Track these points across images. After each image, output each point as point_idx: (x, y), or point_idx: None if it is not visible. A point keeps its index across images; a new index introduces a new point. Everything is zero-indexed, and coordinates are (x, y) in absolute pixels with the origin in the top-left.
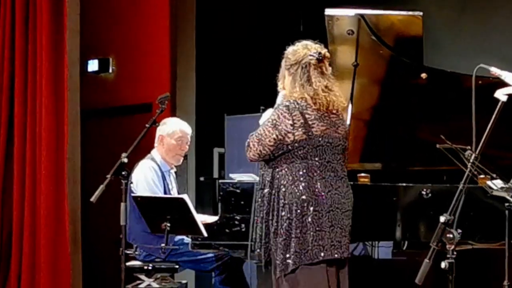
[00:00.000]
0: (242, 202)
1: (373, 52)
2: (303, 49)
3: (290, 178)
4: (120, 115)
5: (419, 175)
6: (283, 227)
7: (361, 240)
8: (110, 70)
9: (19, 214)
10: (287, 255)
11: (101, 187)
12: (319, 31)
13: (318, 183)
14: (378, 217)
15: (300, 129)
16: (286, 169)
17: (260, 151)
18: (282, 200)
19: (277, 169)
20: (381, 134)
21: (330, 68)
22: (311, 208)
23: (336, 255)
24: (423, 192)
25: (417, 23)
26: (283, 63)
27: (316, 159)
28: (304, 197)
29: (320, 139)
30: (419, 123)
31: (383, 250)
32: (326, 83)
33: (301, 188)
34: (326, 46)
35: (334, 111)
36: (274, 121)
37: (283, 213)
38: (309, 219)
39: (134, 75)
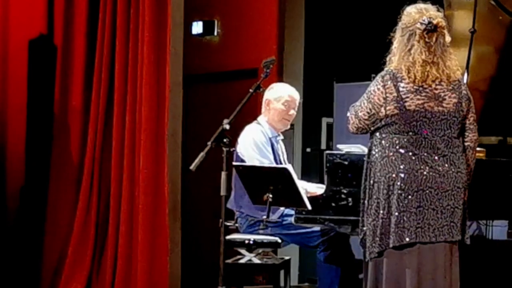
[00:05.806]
0: (349, 175)
1: (492, 18)
2: (417, 14)
3: (380, 154)
4: (225, 81)
5: None
6: (372, 207)
7: (475, 218)
8: (215, 33)
9: (117, 184)
10: (376, 238)
11: (201, 154)
12: None
13: (408, 161)
14: (493, 195)
15: (392, 103)
16: (378, 145)
17: (357, 124)
18: (373, 178)
19: (372, 144)
20: (499, 106)
21: (447, 38)
22: (397, 187)
23: (424, 239)
24: None
25: None
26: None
27: (410, 134)
28: (390, 175)
29: (414, 113)
30: None
31: (497, 230)
32: (427, 56)
33: (388, 165)
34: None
35: (437, 84)
36: (369, 93)
37: (372, 192)
38: (394, 199)
39: (240, 39)
